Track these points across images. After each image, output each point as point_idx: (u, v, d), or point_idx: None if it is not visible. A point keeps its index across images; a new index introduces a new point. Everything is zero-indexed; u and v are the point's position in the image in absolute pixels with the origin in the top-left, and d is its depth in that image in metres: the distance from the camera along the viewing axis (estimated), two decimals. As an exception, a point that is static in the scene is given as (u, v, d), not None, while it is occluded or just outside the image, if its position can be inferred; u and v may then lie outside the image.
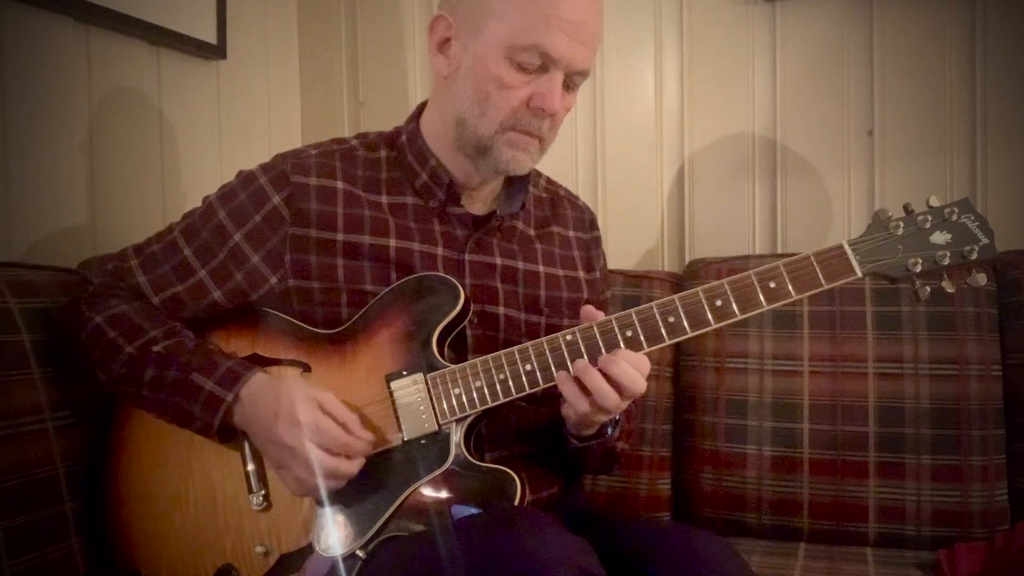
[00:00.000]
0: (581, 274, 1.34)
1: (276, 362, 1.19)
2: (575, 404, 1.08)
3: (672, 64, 1.96)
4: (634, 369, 1.07)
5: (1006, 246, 1.58)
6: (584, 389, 1.07)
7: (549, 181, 1.40)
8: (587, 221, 1.40)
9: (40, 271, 1.33)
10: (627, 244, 1.99)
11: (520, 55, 1.12)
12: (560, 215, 1.36)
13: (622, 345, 1.09)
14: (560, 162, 1.98)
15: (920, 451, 1.56)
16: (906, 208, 1.10)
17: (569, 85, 1.16)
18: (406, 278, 1.17)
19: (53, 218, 1.54)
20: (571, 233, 1.36)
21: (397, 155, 1.25)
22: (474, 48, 1.15)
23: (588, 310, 1.13)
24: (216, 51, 1.87)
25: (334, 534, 1.11)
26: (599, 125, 2.01)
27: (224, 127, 1.93)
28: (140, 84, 1.72)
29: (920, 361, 1.58)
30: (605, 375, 1.07)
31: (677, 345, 1.74)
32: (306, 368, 1.17)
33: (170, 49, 1.78)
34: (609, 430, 1.20)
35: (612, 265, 1.76)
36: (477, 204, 1.26)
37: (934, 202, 1.09)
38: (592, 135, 2.02)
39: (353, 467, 1.09)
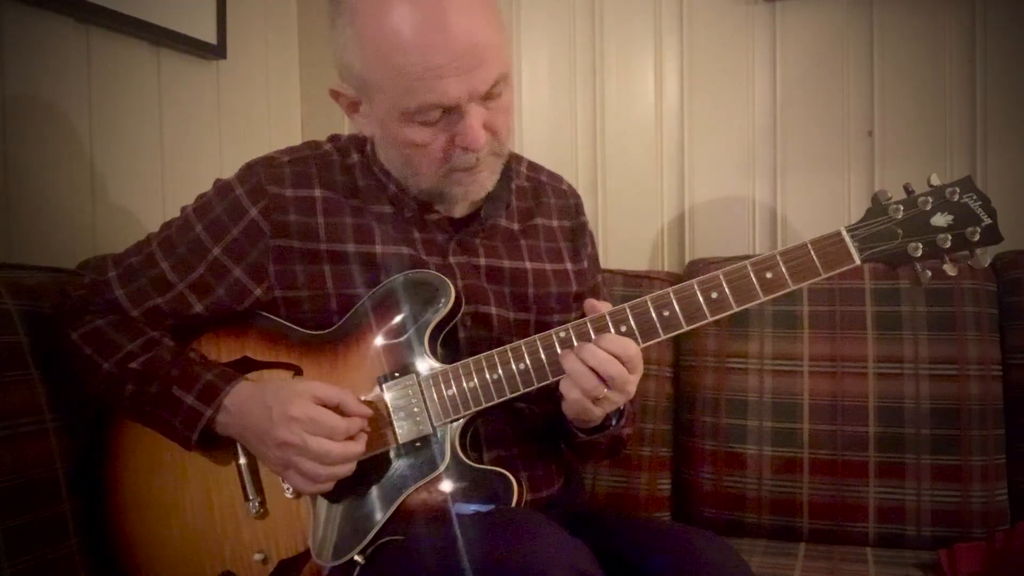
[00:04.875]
0: (568, 266, 1.30)
1: (267, 365, 1.18)
2: (586, 384, 1.06)
3: (672, 64, 1.96)
4: (603, 351, 1.05)
5: (1006, 246, 1.57)
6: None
7: (530, 167, 1.36)
8: (572, 207, 1.36)
9: (40, 272, 1.33)
10: (627, 244, 1.99)
11: (416, 116, 1.05)
12: (543, 204, 1.32)
13: None
14: (560, 162, 1.97)
15: (920, 451, 1.56)
16: (906, 188, 1.07)
17: (491, 96, 1.07)
18: (395, 276, 1.15)
19: (53, 218, 1.54)
20: (555, 223, 1.32)
21: (368, 163, 1.22)
22: (375, 117, 1.11)
23: (591, 304, 1.11)
24: (216, 51, 1.87)
25: (331, 540, 1.11)
26: (599, 125, 2.01)
27: (224, 127, 1.93)
28: (140, 84, 1.72)
29: (920, 361, 1.58)
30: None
31: (677, 345, 1.74)
32: (297, 371, 1.17)
33: (170, 49, 1.78)
34: (614, 420, 1.19)
35: (612, 265, 1.76)
36: (459, 207, 1.22)
37: (935, 180, 1.06)
38: (592, 135, 2.02)
39: (359, 447, 1.08)
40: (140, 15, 1.65)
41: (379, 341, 1.14)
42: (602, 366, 1.05)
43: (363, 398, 1.12)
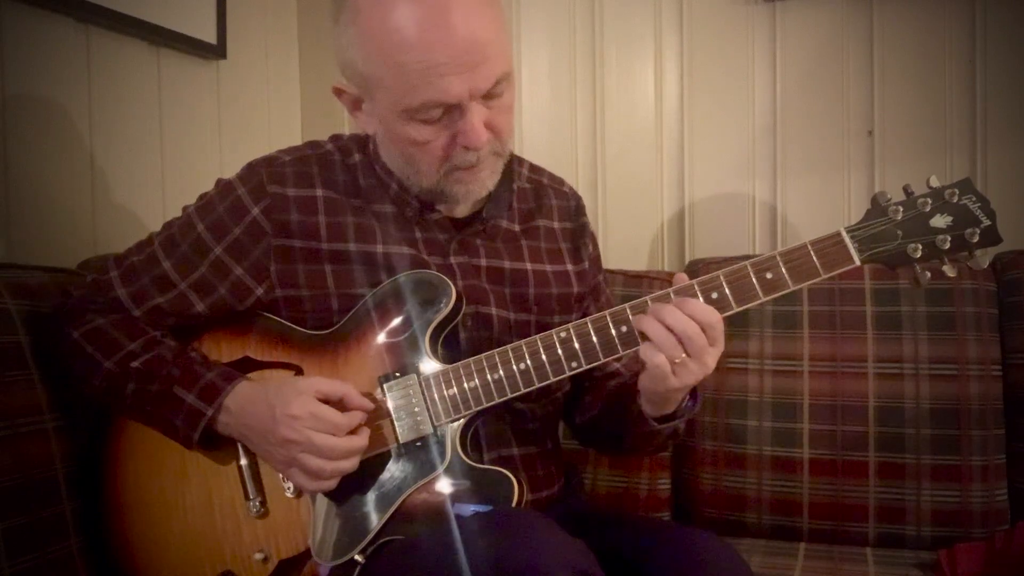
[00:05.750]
0: (569, 267, 1.30)
1: (268, 365, 1.18)
2: (665, 345, 1.03)
3: (672, 64, 1.96)
4: (682, 313, 1.03)
5: (1006, 246, 1.57)
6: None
7: (532, 168, 1.36)
8: (573, 209, 1.36)
9: (40, 272, 1.33)
10: (627, 244, 1.99)
11: (417, 114, 1.06)
12: (545, 206, 1.32)
13: (617, 341, 1.09)
14: (560, 162, 1.98)
15: (920, 451, 1.56)
16: (906, 190, 1.07)
17: (492, 95, 1.07)
18: (396, 276, 1.15)
19: (53, 218, 1.54)
20: (556, 224, 1.32)
21: (370, 162, 1.22)
22: (376, 115, 1.12)
23: (680, 276, 1.09)
24: (216, 51, 1.87)
25: (332, 539, 1.11)
26: (599, 125, 2.01)
27: (224, 127, 1.93)
28: (140, 84, 1.72)
29: (920, 361, 1.58)
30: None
31: (677, 345, 1.74)
32: (298, 371, 1.17)
33: (170, 49, 1.78)
34: (689, 404, 1.17)
35: (612, 265, 1.76)
36: (460, 207, 1.22)
37: (934, 182, 1.06)
38: (592, 135, 2.02)
39: (362, 441, 1.09)
40: (140, 15, 1.65)
41: (380, 341, 1.15)
42: (681, 326, 1.02)
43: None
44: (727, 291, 1.07)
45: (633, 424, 1.19)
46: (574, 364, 1.10)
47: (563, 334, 1.10)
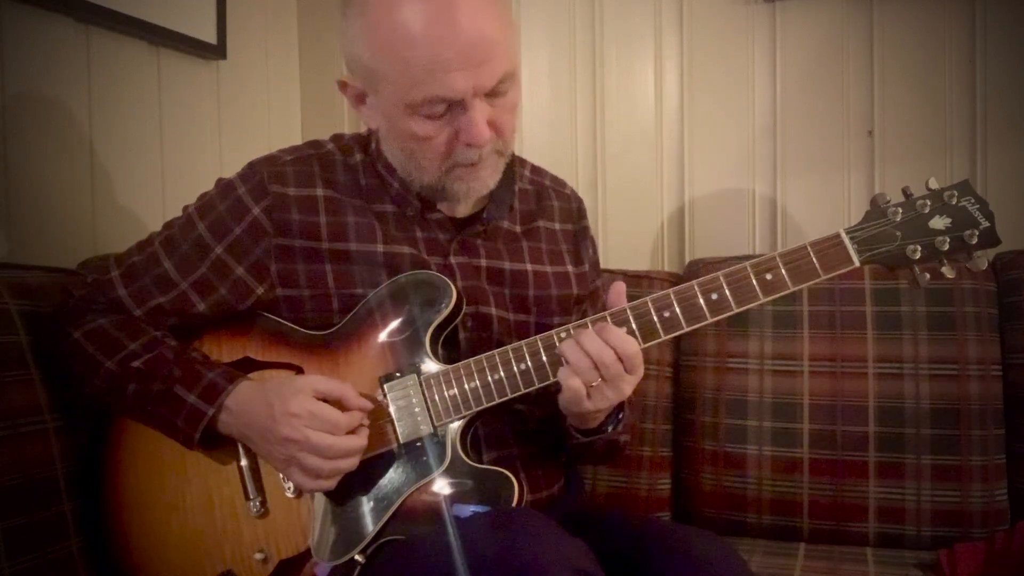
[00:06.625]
0: (570, 268, 1.31)
1: (268, 365, 1.18)
2: (581, 370, 1.05)
3: (672, 64, 1.96)
4: (600, 340, 1.05)
5: (1005, 246, 1.58)
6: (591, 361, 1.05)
7: (534, 170, 1.36)
8: (574, 211, 1.36)
9: (40, 272, 1.33)
10: (627, 244, 1.99)
11: (421, 109, 1.06)
12: (546, 207, 1.32)
13: None
14: (560, 162, 1.98)
15: (920, 451, 1.56)
16: (905, 192, 1.08)
17: (496, 93, 1.08)
18: (396, 277, 1.16)
19: (53, 218, 1.54)
20: (558, 226, 1.32)
21: (371, 161, 1.22)
22: (380, 109, 1.12)
23: (617, 290, 1.11)
24: (216, 51, 1.87)
25: (331, 539, 1.11)
26: (599, 125, 2.01)
27: (224, 127, 1.93)
28: (140, 84, 1.72)
29: (920, 361, 1.58)
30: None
31: (677, 345, 1.74)
32: (299, 371, 1.17)
33: (170, 49, 1.78)
34: (610, 428, 1.19)
35: (612, 265, 1.76)
36: (461, 207, 1.23)
37: (933, 184, 1.07)
38: (592, 135, 2.02)
39: (361, 441, 1.09)
40: (140, 15, 1.65)
41: (380, 341, 1.15)
42: (597, 352, 1.05)
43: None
44: (727, 292, 1.08)
45: (565, 436, 1.21)
46: None
47: (563, 335, 1.10)
